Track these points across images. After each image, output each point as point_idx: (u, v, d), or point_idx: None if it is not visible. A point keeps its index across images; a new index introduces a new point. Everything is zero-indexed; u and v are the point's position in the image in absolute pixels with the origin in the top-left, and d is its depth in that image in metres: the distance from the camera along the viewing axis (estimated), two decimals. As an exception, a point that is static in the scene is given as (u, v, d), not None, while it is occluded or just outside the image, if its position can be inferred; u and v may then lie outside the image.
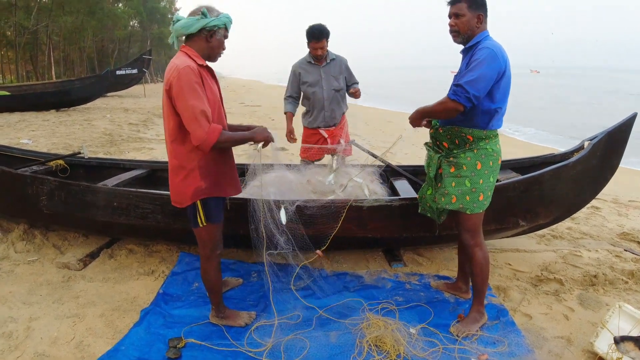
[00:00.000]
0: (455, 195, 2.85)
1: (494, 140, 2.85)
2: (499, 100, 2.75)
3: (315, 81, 4.45)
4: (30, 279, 3.55)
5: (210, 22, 2.51)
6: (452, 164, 2.87)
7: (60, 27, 36.89)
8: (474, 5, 2.74)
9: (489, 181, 2.85)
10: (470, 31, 2.78)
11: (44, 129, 11.63)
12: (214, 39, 2.58)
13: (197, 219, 2.69)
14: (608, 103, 27.26)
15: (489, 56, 2.63)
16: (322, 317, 3.07)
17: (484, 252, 2.96)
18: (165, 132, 2.63)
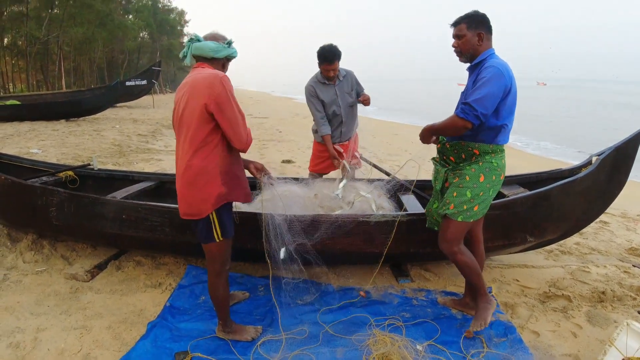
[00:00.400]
0: (453, 203, 2.91)
1: (499, 155, 2.92)
2: (504, 116, 2.82)
3: (332, 100, 4.46)
4: (38, 290, 3.57)
5: (233, 53, 2.76)
6: (457, 175, 2.95)
7: (71, 37, 37.26)
8: (473, 24, 2.85)
9: (489, 194, 2.92)
10: (472, 50, 2.88)
11: (53, 139, 11.73)
12: (226, 68, 2.79)
13: (212, 234, 2.68)
14: (619, 116, 27.16)
15: (495, 74, 2.71)
16: (329, 332, 3.06)
17: (466, 254, 3.01)
18: (187, 142, 2.60)
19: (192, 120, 2.55)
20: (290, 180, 4.12)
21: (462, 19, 2.89)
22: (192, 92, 2.55)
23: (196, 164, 2.59)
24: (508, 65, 2.83)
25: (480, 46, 2.87)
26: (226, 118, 2.53)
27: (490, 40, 2.91)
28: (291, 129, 16.51)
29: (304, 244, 3.23)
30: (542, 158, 12.40)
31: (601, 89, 68.44)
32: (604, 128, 21.09)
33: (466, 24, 2.87)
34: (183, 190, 2.65)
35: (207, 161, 2.59)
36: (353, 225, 3.36)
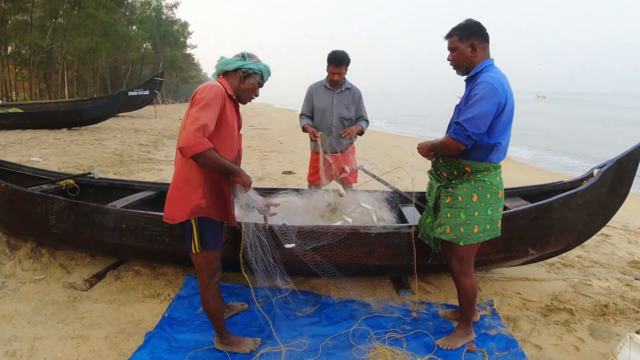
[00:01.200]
0: (449, 226, 2.84)
1: (493, 173, 2.82)
2: (498, 134, 2.71)
3: (326, 106, 4.48)
4: (36, 298, 3.55)
5: (246, 65, 2.70)
6: (449, 195, 2.86)
7: (74, 47, 37.49)
8: (464, 35, 2.75)
9: (486, 214, 2.82)
10: (467, 62, 2.78)
11: (55, 148, 11.75)
12: (247, 82, 2.74)
13: (191, 243, 2.69)
14: (618, 128, 27.22)
15: (488, 91, 2.60)
16: (328, 345, 3.02)
17: (471, 281, 2.98)
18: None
19: (183, 124, 2.59)
20: (291, 191, 4.11)
21: (454, 30, 2.79)
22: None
23: (182, 170, 2.64)
24: (505, 78, 2.73)
25: (474, 57, 2.76)
26: (189, 115, 2.51)
27: (486, 49, 2.79)
28: (292, 140, 16.53)
29: (303, 255, 3.21)
30: (544, 171, 12.40)
31: (597, 102, 68.86)
32: (604, 140, 21.13)
33: (457, 35, 2.77)
34: (169, 193, 2.72)
35: (193, 169, 2.60)
36: (354, 237, 3.33)
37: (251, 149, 13.43)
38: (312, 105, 4.58)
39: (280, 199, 3.85)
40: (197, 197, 2.62)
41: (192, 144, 2.41)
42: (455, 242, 2.86)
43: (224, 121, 2.61)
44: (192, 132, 2.42)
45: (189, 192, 2.62)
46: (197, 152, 2.43)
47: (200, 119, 2.45)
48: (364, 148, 14.08)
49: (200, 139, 2.43)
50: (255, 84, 2.77)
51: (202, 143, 2.44)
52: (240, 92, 2.75)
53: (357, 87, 4.59)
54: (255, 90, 2.80)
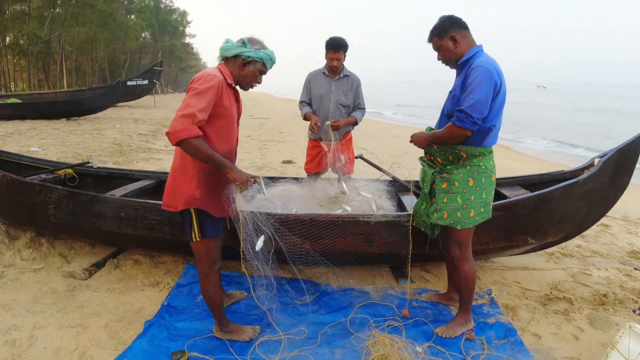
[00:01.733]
0: (446, 212, 2.87)
1: (487, 157, 2.86)
2: (492, 117, 2.74)
3: (323, 93, 4.46)
4: (35, 287, 3.55)
5: (245, 52, 2.61)
6: (445, 180, 2.88)
7: (73, 37, 37.30)
8: (442, 32, 2.83)
9: (481, 197, 2.86)
10: (454, 55, 2.84)
11: (54, 138, 11.71)
12: (247, 69, 2.66)
13: (190, 232, 2.68)
14: (618, 119, 27.20)
15: (485, 75, 2.63)
16: (328, 333, 3.03)
17: (471, 265, 3.00)
18: None
19: None
20: (290, 179, 4.10)
21: (431, 33, 2.88)
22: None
23: (179, 158, 2.63)
24: (497, 63, 2.76)
25: (458, 48, 2.81)
26: (182, 102, 2.48)
27: (467, 37, 2.83)
28: (292, 129, 16.50)
29: (302, 244, 3.20)
30: (545, 161, 12.38)
31: (595, 92, 68.84)
32: (604, 129, 21.12)
33: (436, 35, 2.86)
34: (167, 180, 2.71)
35: (188, 158, 2.58)
36: (353, 226, 3.33)
37: (251, 138, 13.40)
38: (311, 93, 4.56)
39: (279, 187, 3.85)
40: (192, 187, 2.60)
41: (178, 129, 2.35)
42: (452, 227, 2.89)
43: (219, 112, 2.55)
44: (179, 117, 2.37)
45: (184, 182, 2.61)
46: (182, 137, 2.36)
47: (190, 105, 2.41)
48: (364, 138, 14.06)
49: (188, 125, 2.36)
50: (255, 72, 2.68)
51: (188, 129, 2.36)
52: (240, 79, 2.69)
53: (357, 77, 4.57)
54: (255, 78, 2.71)
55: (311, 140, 4.69)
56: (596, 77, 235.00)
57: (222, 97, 2.55)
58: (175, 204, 2.64)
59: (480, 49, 2.82)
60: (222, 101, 2.56)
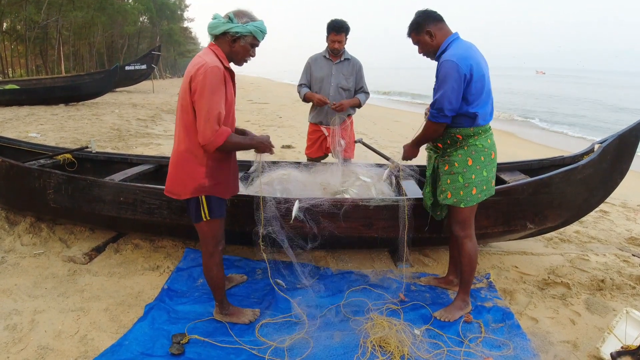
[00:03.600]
0: (450, 192, 2.98)
1: (483, 136, 2.94)
2: (474, 100, 2.84)
3: (324, 76, 4.43)
4: (36, 272, 3.56)
5: (234, 28, 2.53)
6: (446, 162, 3.00)
7: (70, 22, 36.97)
8: (418, 28, 2.93)
9: (482, 175, 2.95)
10: (431, 48, 2.94)
11: (52, 123, 11.67)
12: (237, 45, 2.59)
13: (199, 213, 2.68)
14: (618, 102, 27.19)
15: (449, 69, 2.73)
16: (327, 316, 3.05)
17: (474, 244, 3.07)
18: (180, 121, 2.62)
19: (183, 101, 2.55)
20: (290, 164, 4.10)
21: (409, 29, 2.98)
22: (186, 74, 2.55)
23: (185, 148, 2.60)
24: (470, 48, 2.86)
25: (435, 41, 2.90)
26: (197, 107, 2.47)
27: (443, 29, 2.91)
28: (292, 114, 16.43)
29: (302, 227, 3.21)
30: (542, 146, 12.36)
31: (594, 78, 68.84)
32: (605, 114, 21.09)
33: (413, 31, 2.96)
34: (171, 167, 2.71)
35: (195, 147, 2.57)
36: (352, 209, 3.33)
37: (250, 123, 13.35)
38: (311, 76, 4.54)
39: (279, 171, 3.84)
40: (200, 176, 2.61)
41: (213, 138, 2.45)
42: (456, 206, 2.97)
43: (226, 99, 2.56)
44: (209, 127, 2.43)
45: (193, 171, 2.60)
46: (220, 144, 2.48)
47: (212, 108, 2.43)
48: (364, 123, 14.01)
49: (218, 130, 2.46)
50: (246, 46, 2.60)
51: (222, 133, 2.47)
52: (232, 55, 2.62)
53: (359, 60, 4.54)
54: (247, 52, 2.64)
55: (312, 125, 4.67)
56: (598, 64, 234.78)
57: (226, 85, 2.55)
58: (181, 192, 2.66)
59: (454, 38, 2.91)
60: (227, 90, 2.57)
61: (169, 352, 2.64)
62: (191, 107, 2.50)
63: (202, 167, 2.60)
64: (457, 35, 2.93)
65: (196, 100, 2.45)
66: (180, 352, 2.63)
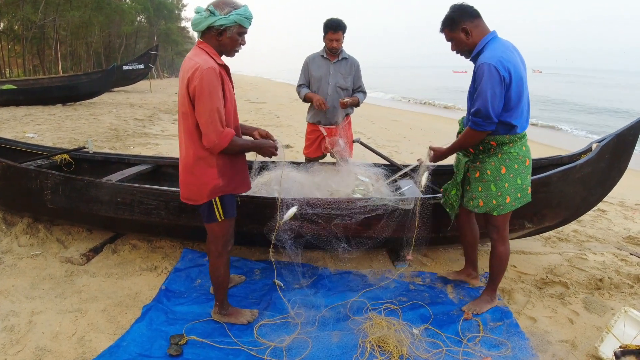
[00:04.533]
0: (482, 200, 2.93)
1: (519, 144, 2.87)
2: (512, 108, 2.73)
3: (322, 75, 4.42)
4: (33, 273, 3.55)
5: (217, 22, 2.46)
6: (478, 169, 2.94)
7: (67, 21, 36.83)
8: (453, 25, 2.80)
9: (516, 183, 2.89)
10: (467, 46, 2.82)
11: (49, 123, 11.63)
12: (225, 37, 2.54)
13: (214, 214, 2.68)
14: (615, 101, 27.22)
15: (487, 74, 2.62)
16: (325, 316, 3.05)
17: (506, 247, 3.06)
18: (183, 127, 2.60)
19: (183, 107, 2.53)
20: (288, 164, 4.09)
21: (443, 24, 2.85)
22: (181, 77, 2.52)
23: (193, 153, 2.58)
24: (509, 49, 2.71)
25: (471, 39, 2.78)
26: (198, 112, 2.46)
27: (479, 26, 2.78)
28: (290, 114, 16.41)
29: (301, 227, 3.21)
30: (539, 144, 12.37)
31: (592, 77, 69.16)
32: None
33: (447, 27, 2.83)
34: (182, 175, 2.68)
35: (202, 151, 2.56)
36: (351, 210, 3.33)
37: (248, 123, 13.20)
38: (309, 75, 4.53)
39: (277, 171, 3.83)
40: (214, 177, 2.60)
41: (217, 140, 2.47)
42: (489, 214, 2.94)
43: (225, 98, 2.54)
44: (213, 129, 2.44)
45: (205, 173, 2.60)
46: (225, 146, 2.49)
47: (212, 110, 2.43)
48: (362, 122, 14.02)
49: (222, 132, 2.47)
50: (234, 36, 2.54)
51: (226, 135, 2.48)
52: (221, 48, 2.58)
53: (356, 59, 4.53)
54: (236, 43, 2.58)
55: (310, 124, 4.66)
56: (594, 63, 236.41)
57: (223, 83, 2.53)
58: (198, 197, 2.66)
59: (492, 37, 2.77)
60: (225, 87, 2.54)
61: (167, 353, 2.63)
62: (192, 112, 2.49)
63: (213, 168, 2.60)
64: (495, 33, 2.78)
65: (196, 104, 2.44)
66: (179, 354, 2.63)
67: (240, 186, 2.80)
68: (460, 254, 4.12)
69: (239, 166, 2.76)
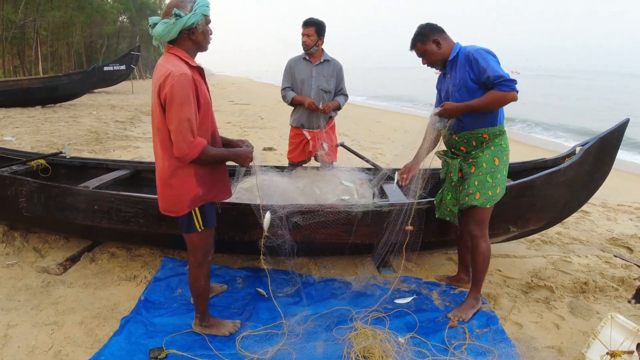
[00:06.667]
0: (479, 192, 3.00)
1: (505, 135, 3.07)
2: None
3: (304, 78, 4.37)
4: (9, 284, 3.43)
5: (188, 21, 2.39)
6: (472, 165, 3.03)
7: (48, 21, 36.29)
8: (424, 38, 3.01)
9: (503, 174, 3.06)
10: (439, 56, 3.02)
11: (28, 126, 11.42)
12: (197, 34, 2.46)
13: (193, 224, 2.60)
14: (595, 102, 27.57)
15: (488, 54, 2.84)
16: (310, 326, 2.98)
17: (488, 244, 3.13)
18: (156, 136, 2.51)
19: (157, 118, 2.45)
20: (271, 168, 4.02)
21: (413, 40, 3.04)
22: (153, 88, 2.44)
23: (169, 164, 2.50)
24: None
25: (442, 49, 2.99)
26: (168, 119, 2.38)
27: (447, 38, 3.02)
28: (273, 115, 16.33)
29: (283, 235, 3.14)
30: (529, 145, 12.47)
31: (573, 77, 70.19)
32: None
33: (419, 42, 3.02)
34: (160, 186, 2.60)
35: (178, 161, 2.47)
36: (334, 216, 3.27)
37: (231, 125, 13.24)
38: (292, 78, 4.46)
39: (260, 177, 3.76)
40: (192, 186, 2.53)
41: (187, 150, 2.38)
42: (483, 206, 3.01)
43: (200, 104, 2.46)
44: (182, 138, 2.35)
45: (183, 184, 2.52)
46: (195, 156, 2.41)
47: (182, 119, 2.33)
48: (346, 123, 13.99)
49: (192, 141, 2.38)
50: (205, 28, 2.48)
51: (196, 145, 2.39)
52: (197, 47, 2.52)
53: (339, 62, 4.48)
54: (207, 35, 2.52)
55: (294, 128, 4.60)
56: (572, 63, 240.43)
57: (197, 88, 2.44)
58: (179, 208, 2.57)
59: (460, 46, 3.00)
60: (199, 92, 2.45)
61: (146, 367, 2.56)
62: (164, 122, 2.41)
63: (191, 177, 2.52)
64: (460, 43, 3.02)
65: (167, 111, 2.36)
66: (158, 368, 2.55)
67: (220, 193, 2.73)
68: (446, 259, 4.11)
69: (218, 173, 2.69)
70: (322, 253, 3.61)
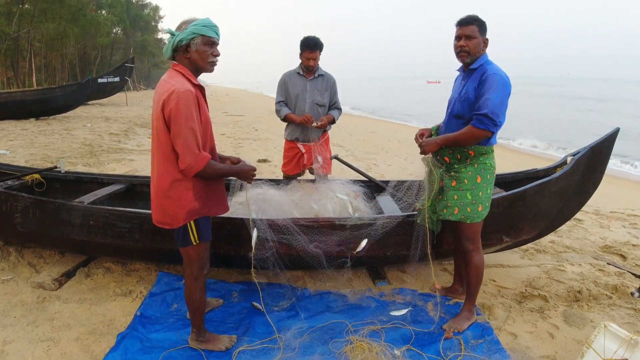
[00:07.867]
0: (457, 207, 3.00)
1: (491, 155, 3.05)
2: (502, 121, 2.91)
3: (299, 92, 4.40)
4: (4, 300, 3.42)
5: (177, 39, 2.46)
6: (454, 178, 3.03)
7: (42, 33, 36.33)
8: (483, 29, 2.96)
9: (487, 193, 3.05)
10: (477, 53, 2.97)
11: (22, 139, 11.40)
12: (191, 52, 2.49)
13: (188, 238, 2.62)
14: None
15: (503, 83, 2.84)
16: (306, 340, 2.98)
17: (481, 257, 3.14)
18: (156, 149, 2.55)
19: (158, 129, 2.48)
20: (266, 182, 4.05)
21: (474, 20, 2.93)
22: (156, 100, 2.48)
23: (168, 176, 2.52)
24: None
25: (482, 50, 2.98)
26: (173, 134, 2.42)
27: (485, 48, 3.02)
28: (267, 127, 16.37)
29: (278, 247, 3.16)
30: (520, 152, 12.54)
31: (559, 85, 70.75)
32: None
33: (478, 27, 2.93)
34: (156, 198, 2.62)
35: (179, 175, 2.51)
36: (329, 229, 3.29)
37: (225, 136, 13.26)
38: (287, 92, 4.50)
39: (255, 190, 3.78)
40: (189, 200, 2.55)
41: (193, 163, 2.43)
42: (463, 222, 3.03)
43: (201, 118, 2.51)
44: (189, 151, 2.41)
45: (181, 197, 2.54)
46: (200, 169, 2.45)
47: (188, 132, 2.40)
48: (340, 134, 14.04)
49: (197, 155, 2.44)
50: (200, 48, 2.47)
51: (200, 159, 2.44)
52: (195, 65, 2.52)
53: (332, 76, 4.53)
54: (206, 54, 2.50)
55: (288, 142, 4.62)
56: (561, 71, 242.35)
57: (199, 106, 2.49)
58: (173, 221, 2.59)
59: (488, 57, 3.00)
60: (201, 110, 2.51)
61: (143, 383, 2.56)
62: (167, 136, 2.44)
63: (189, 191, 2.55)
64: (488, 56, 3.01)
65: (172, 126, 2.41)
66: (154, 384, 2.55)
67: (216, 208, 2.75)
68: (441, 270, 4.13)
69: (215, 188, 2.72)
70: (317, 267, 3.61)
